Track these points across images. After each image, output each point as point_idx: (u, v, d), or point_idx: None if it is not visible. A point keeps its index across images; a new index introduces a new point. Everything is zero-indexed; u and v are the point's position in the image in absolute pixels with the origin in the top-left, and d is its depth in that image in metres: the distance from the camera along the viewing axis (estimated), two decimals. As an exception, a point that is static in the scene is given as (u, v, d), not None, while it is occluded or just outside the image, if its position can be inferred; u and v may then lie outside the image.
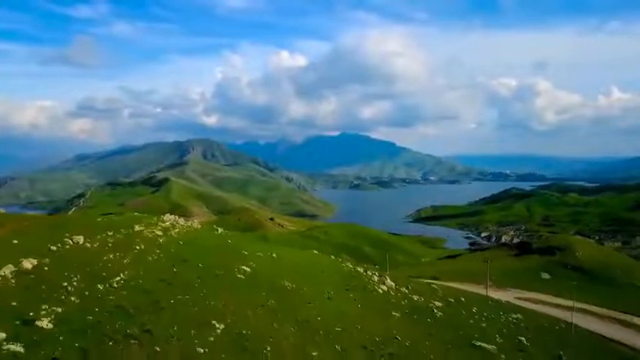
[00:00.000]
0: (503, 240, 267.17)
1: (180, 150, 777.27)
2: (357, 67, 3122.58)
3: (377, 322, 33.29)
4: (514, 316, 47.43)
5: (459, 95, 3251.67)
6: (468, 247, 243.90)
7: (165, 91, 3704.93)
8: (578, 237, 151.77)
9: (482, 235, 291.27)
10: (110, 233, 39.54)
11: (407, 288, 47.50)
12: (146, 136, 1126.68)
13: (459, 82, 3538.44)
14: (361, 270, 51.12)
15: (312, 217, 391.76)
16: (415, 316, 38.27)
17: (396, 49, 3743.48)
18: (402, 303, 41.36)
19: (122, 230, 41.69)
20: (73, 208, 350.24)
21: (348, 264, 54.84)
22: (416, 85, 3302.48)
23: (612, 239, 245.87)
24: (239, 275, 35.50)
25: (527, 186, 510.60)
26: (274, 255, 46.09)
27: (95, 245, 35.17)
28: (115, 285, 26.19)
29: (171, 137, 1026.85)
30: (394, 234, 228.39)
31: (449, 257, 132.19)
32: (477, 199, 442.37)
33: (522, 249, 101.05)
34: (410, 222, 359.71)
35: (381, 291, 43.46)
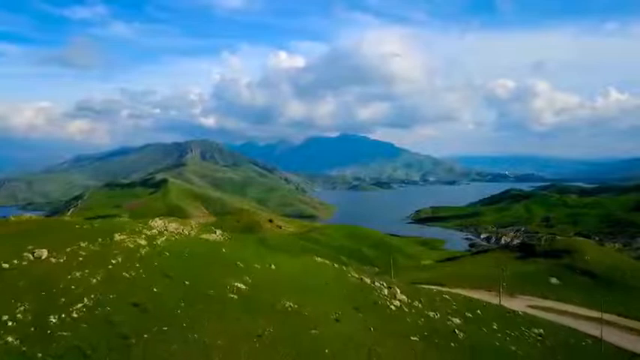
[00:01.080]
0: (503, 241, 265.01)
1: (179, 151, 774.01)
2: (356, 68, 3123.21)
3: (395, 353, 29.34)
4: (536, 331, 43.84)
5: (457, 96, 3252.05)
6: (468, 248, 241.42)
7: (163, 92, 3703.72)
8: (584, 239, 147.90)
9: (482, 236, 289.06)
10: (83, 244, 34.58)
11: (420, 302, 43.47)
12: (145, 137, 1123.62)
13: (457, 83, 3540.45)
14: (368, 281, 46.88)
15: (311, 218, 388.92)
16: (437, 340, 34.34)
17: (395, 50, 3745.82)
18: (419, 323, 37.21)
19: (99, 240, 36.94)
20: (71, 210, 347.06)
21: (353, 273, 50.34)
22: (414, 86, 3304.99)
23: (613, 241, 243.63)
24: (232, 295, 31.02)
25: (525, 187, 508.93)
26: (273, 266, 41.82)
27: (61, 260, 30.37)
28: (75, 315, 21.91)
29: (169, 138, 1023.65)
30: (394, 235, 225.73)
31: (449, 259, 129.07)
32: (476, 200, 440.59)
33: (526, 251, 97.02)
34: (409, 223, 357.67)
35: (393, 307, 39.30)
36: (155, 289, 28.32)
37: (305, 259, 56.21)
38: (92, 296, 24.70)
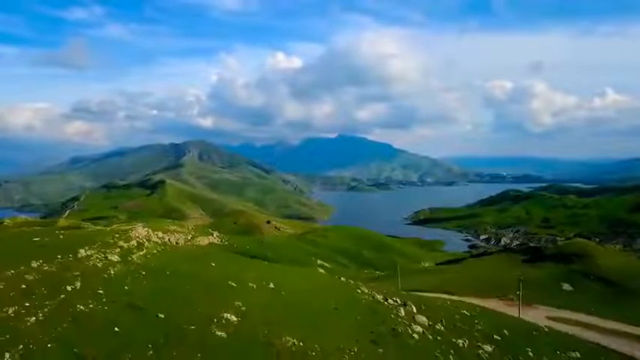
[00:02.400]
0: (502, 242, 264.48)
1: (177, 152, 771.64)
2: (353, 69, 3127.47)
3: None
4: (573, 355, 40.21)
5: (454, 97, 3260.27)
6: (468, 249, 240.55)
7: (160, 94, 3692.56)
8: (592, 242, 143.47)
9: (482, 237, 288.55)
10: (35, 264, 27.10)
11: (442, 324, 38.94)
12: (142, 139, 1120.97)
13: (454, 84, 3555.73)
14: (380, 298, 41.96)
15: (310, 219, 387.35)
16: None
17: (392, 51, 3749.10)
18: (450, 358, 32.23)
19: (58, 257, 29.62)
20: (67, 212, 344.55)
21: (363, 289, 44.95)
22: (412, 87, 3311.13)
23: (613, 242, 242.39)
24: (218, 332, 24.29)
25: (523, 187, 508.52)
26: (271, 285, 35.42)
27: (-4, 289, 22.19)
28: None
29: (167, 139, 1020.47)
30: (393, 236, 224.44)
31: (451, 262, 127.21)
32: (475, 201, 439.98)
33: (532, 254, 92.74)
34: (408, 224, 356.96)
35: (416, 336, 34.11)
36: (117, 329, 21.37)
37: (308, 272, 51.11)
38: (20, 347, 17.26)
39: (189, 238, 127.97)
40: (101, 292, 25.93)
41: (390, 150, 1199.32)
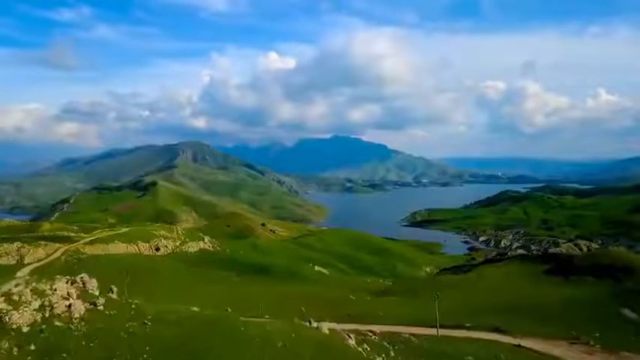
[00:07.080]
0: (502, 244, 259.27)
1: (170, 153, 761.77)
2: (347, 70, 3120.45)
3: None
4: None
5: (448, 98, 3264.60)
6: (467, 252, 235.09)
7: (151, 95, 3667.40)
8: (626, 250, 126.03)
9: (481, 239, 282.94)
10: None
11: None
12: (135, 140, 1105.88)
13: (448, 85, 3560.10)
14: None
15: (305, 221, 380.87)
16: None
17: (385, 51, 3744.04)
18: None
19: None
20: (56, 214, 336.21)
21: None
22: (406, 88, 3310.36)
23: (616, 243, 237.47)
24: None
25: (519, 188, 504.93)
26: None
27: None
28: None
29: (159, 141, 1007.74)
30: (391, 239, 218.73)
31: (455, 268, 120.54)
32: (471, 202, 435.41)
33: (559, 265, 73.36)
34: (405, 225, 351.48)
35: None
36: None
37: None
38: None
39: (178, 244, 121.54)
40: None
41: (384, 151, 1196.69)
